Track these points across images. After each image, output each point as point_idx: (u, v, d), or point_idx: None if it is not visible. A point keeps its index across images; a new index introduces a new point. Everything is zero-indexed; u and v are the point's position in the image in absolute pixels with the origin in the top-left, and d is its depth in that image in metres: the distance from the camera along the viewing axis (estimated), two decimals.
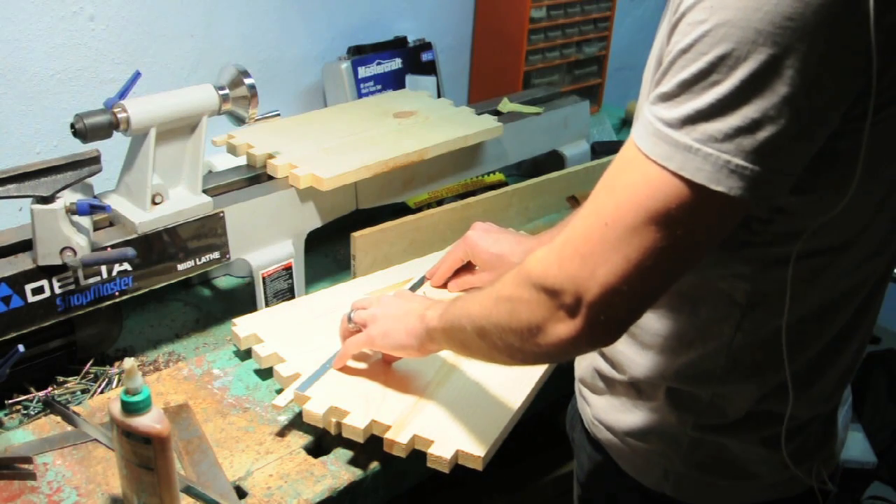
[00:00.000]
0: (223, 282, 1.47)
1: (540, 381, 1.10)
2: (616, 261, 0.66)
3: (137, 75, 1.20)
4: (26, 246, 1.08)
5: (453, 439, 0.98)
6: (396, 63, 1.88)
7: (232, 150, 1.41)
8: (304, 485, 0.98)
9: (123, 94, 1.16)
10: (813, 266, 0.76)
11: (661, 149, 0.64)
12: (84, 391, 1.16)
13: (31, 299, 1.06)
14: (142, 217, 1.15)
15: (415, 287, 1.26)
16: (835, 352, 0.84)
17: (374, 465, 1.02)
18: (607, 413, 0.92)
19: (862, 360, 0.89)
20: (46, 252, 1.04)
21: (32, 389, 1.14)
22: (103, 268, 1.11)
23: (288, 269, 1.32)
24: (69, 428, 1.05)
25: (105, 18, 1.49)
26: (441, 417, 1.01)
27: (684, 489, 0.89)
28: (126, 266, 1.13)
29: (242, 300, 1.39)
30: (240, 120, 1.25)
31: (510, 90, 1.92)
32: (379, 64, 1.85)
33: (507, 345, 0.77)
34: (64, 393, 1.15)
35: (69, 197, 1.06)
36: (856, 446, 1.96)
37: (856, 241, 0.76)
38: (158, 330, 1.33)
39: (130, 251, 1.08)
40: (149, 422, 0.85)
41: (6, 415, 1.11)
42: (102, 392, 1.16)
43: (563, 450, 1.16)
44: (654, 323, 0.85)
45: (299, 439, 1.05)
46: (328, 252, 1.55)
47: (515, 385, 1.07)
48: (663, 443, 0.87)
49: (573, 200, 1.65)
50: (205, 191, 1.23)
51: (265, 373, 1.16)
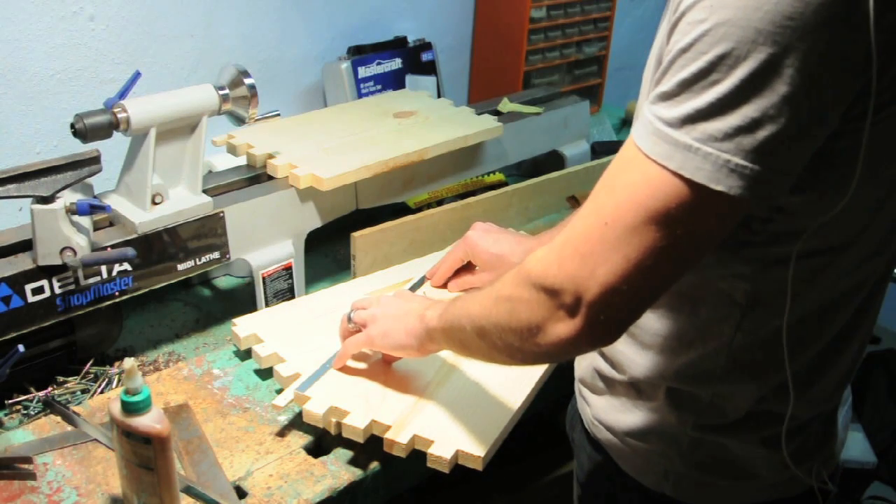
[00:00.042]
0: (223, 282, 1.47)
1: (540, 381, 1.10)
2: (616, 260, 0.66)
3: (137, 75, 1.20)
4: (26, 246, 1.08)
5: (453, 439, 0.98)
6: (396, 63, 1.88)
7: (232, 150, 1.41)
8: (304, 485, 0.98)
9: (123, 94, 1.16)
10: (813, 266, 0.76)
11: (661, 148, 0.64)
12: (84, 391, 1.16)
13: (31, 299, 1.06)
14: (142, 217, 1.15)
15: (415, 287, 1.26)
16: (835, 352, 0.84)
17: (374, 465, 1.02)
18: (607, 413, 0.92)
19: (862, 360, 0.89)
20: (46, 252, 1.04)
21: (32, 389, 1.14)
22: (103, 268, 1.11)
23: (288, 269, 1.32)
24: (69, 428, 1.05)
25: (105, 18, 1.49)
26: (441, 417, 1.01)
27: (684, 489, 0.89)
28: (126, 266, 1.13)
29: (242, 300, 1.39)
30: (240, 120, 1.25)
31: (510, 90, 1.92)
32: (379, 64, 1.85)
33: (507, 345, 0.77)
34: (64, 393, 1.15)
35: (69, 197, 1.06)
36: (856, 446, 1.96)
37: (856, 241, 0.76)
38: (158, 330, 1.32)
39: (130, 251, 1.08)
40: (149, 422, 0.85)
41: (6, 415, 1.11)
42: (102, 392, 1.16)
43: (563, 450, 1.16)
44: (654, 323, 0.85)
45: (299, 439, 1.05)
46: (328, 252, 1.55)
47: (515, 385, 1.07)
48: (663, 443, 0.87)
49: (573, 200, 1.65)
50: (205, 191, 1.23)
51: (265, 373, 1.16)
